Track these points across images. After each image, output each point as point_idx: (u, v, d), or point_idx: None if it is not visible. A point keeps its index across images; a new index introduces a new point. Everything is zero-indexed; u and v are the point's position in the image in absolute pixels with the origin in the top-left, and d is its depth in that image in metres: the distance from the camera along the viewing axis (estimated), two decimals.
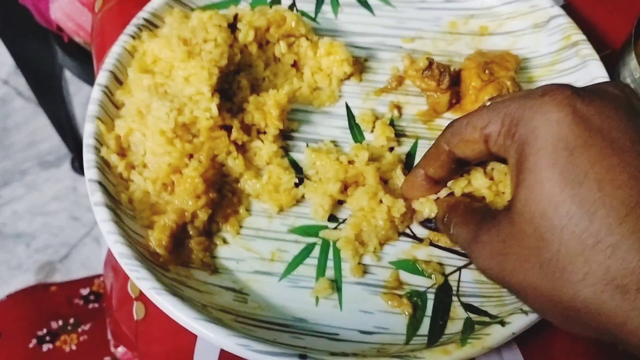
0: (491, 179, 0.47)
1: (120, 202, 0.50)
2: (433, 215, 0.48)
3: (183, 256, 0.48)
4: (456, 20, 0.63)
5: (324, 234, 0.51)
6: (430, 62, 0.56)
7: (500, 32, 0.62)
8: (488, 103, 0.39)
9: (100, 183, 0.49)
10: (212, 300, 0.45)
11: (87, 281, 0.89)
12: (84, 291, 0.87)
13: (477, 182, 0.47)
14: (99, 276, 0.89)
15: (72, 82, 1.25)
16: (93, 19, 0.69)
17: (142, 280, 0.42)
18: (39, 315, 0.84)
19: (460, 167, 0.46)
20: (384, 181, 0.52)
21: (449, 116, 0.57)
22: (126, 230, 0.47)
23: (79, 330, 0.83)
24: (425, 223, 0.50)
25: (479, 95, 0.55)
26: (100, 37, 0.65)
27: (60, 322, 0.83)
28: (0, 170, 1.67)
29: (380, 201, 0.50)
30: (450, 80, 0.56)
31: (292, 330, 0.44)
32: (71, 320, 0.84)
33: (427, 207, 0.48)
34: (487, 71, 0.55)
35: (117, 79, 0.55)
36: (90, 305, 0.86)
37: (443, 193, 0.48)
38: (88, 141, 0.51)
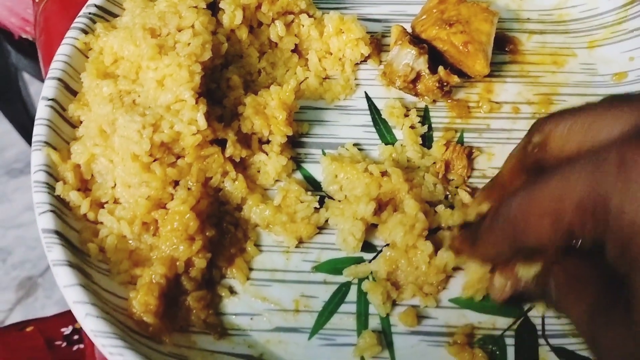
0: None
1: (88, 255, 0.38)
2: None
3: (179, 319, 0.38)
4: None
5: (358, 270, 0.39)
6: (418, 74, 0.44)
7: None
8: None
9: (58, 233, 0.37)
10: None
11: (68, 316, 0.76)
12: (66, 330, 0.75)
13: None
14: None
15: (32, 81, 1.17)
16: (34, 10, 0.55)
17: None
18: None
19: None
20: (430, 204, 0.40)
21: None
22: (100, 296, 0.36)
23: None
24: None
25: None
26: (45, 33, 0.52)
27: None
28: None
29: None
30: (445, 78, 0.44)
31: None
32: None
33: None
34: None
35: (69, 89, 0.43)
36: (75, 347, 0.73)
37: None
38: (37, 177, 0.38)
